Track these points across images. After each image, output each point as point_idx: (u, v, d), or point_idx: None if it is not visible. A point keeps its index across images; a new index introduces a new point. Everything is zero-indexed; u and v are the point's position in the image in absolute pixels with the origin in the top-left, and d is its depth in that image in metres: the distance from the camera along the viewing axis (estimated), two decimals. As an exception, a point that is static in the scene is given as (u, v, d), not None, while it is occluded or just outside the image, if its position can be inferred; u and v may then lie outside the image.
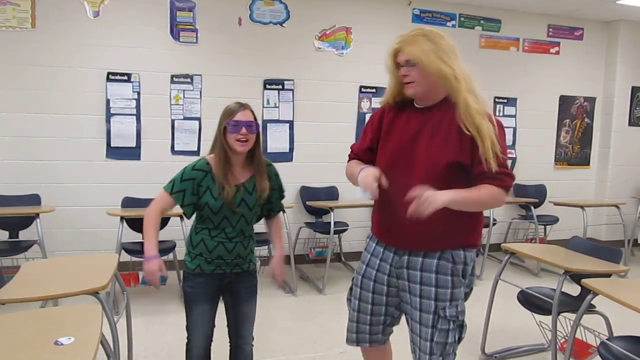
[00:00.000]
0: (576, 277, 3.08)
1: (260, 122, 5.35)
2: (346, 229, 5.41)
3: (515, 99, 6.54)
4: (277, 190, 2.47)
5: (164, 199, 2.28)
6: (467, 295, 2.19)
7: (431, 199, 1.83)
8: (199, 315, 2.35)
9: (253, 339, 2.50)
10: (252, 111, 2.30)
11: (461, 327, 2.10)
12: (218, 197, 2.25)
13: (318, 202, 5.35)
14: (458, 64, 1.99)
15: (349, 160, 2.34)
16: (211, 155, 2.32)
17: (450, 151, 1.98)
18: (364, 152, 2.27)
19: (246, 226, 2.35)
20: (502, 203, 2.07)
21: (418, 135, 2.06)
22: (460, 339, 2.10)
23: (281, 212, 2.55)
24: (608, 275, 2.99)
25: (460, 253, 2.09)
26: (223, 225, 2.29)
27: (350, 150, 2.35)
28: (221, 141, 2.26)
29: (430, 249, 2.08)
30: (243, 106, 2.28)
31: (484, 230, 6.03)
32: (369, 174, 2.01)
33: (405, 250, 2.13)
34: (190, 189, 2.26)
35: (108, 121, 5.06)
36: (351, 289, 2.36)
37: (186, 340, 2.40)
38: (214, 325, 2.42)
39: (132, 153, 5.16)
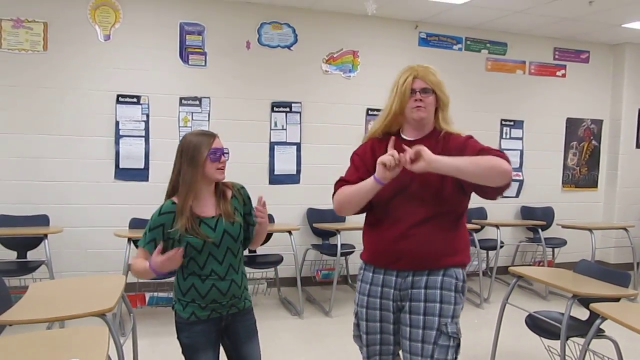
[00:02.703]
0: (585, 301, 3.05)
1: (267, 144, 5.53)
2: (353, 251, 5.39)
3: (522, 122, 6.55)
4: (250, 215, 2.33)
5: (141, 254, 2.13)
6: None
7: (423, 152, 1.89)
8: None
9: None
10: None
11: (459, 345, 2.12)
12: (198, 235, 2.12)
13: (325, 224, 5.33)
14: None
15: (335, 192, 2.30)
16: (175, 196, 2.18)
17: (450, 177, 2.03)
18: (356, 182, 2.22)
19: (234, 259, 2.21)
20: (508, 170, 1.95)
21: None
22: (456, 359, 2.13)
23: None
24: (617, 299, 2.96)
25: (460, 271, 2.16)
26: (210, 264, 2.15)
27: (339, 181, 2.34)
28: (190, 174, 2.11)
29: (434, 267, 2.12)
30: (213, 135, 2.19)
31: (491, 253, 6.11)
32: (385, 155, 2.00)
33: (409, 271, 2.14)
34: (160, 236, 2.12)
35: (117, 143, 5.11)
36: (357, 325, 2.29)
37: None
38: None
39: (140, 174, 5.20)
